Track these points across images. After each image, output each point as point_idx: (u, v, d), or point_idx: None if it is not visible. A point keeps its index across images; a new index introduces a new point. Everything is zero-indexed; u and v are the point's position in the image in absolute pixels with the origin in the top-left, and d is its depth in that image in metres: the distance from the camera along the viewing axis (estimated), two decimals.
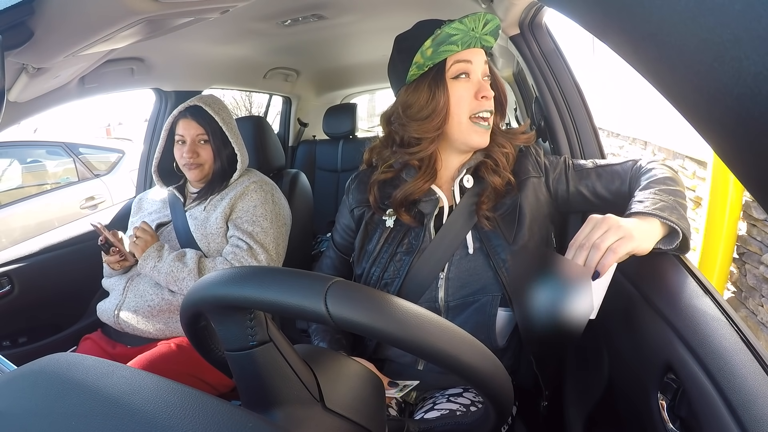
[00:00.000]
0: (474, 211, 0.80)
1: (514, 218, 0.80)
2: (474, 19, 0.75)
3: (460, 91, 0.78)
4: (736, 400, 0.46)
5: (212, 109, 1.22)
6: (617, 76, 4.31)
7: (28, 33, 0.71)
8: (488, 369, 0.40)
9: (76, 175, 3.49)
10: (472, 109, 0.78)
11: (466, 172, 0.83)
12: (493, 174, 0.81)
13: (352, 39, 1.68)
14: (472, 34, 0.76)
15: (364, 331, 0.36)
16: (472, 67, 0.78)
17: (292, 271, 0.40)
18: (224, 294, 0.40)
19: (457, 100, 0.78)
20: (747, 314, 2.31)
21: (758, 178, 0.21)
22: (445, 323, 0.38)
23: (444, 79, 0.78)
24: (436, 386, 0.82)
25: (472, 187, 0.83)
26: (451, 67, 0.78)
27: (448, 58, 0.77)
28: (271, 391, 0.42)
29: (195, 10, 0.85)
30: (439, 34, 0.74)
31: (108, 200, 3.40)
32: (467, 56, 0.78)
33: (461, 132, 0.79)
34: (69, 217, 1.46)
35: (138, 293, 1.17)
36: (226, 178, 1.27)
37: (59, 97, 1.12)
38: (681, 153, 3.09)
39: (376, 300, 0.37)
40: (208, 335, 0.51)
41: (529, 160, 0.85)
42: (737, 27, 0.17)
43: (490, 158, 0.83)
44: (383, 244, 0.84)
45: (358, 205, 0.90)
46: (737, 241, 2.37)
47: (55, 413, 0.33)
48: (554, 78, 1.10)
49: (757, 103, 0.18)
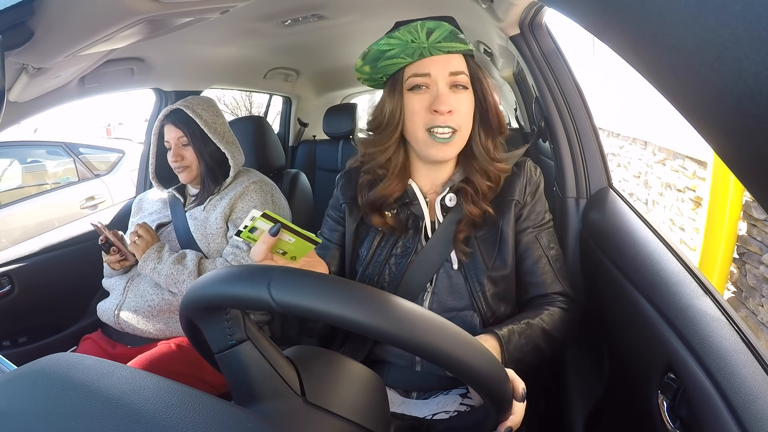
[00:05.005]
0: (453, 237, 0.78)
1: (495, 241, 0.77)
2: (410, 30, 0.70)
3: (413, 103, 0.74)
4: (737, 400, 0.46)
5: (192, 111, 1.23)
6: (617, 76, 4.31)
7: (28, 33, 0.71)
8: (446, 344, 0.40)
9: (77, 175, 3.50)
10: (426, 123, 0.73)
11: (449, 190, 0.80)
12: (471, 203, 0.77)
13: (352, 39, 1.68)
14: (414, 45, 0.71)
15: (306, 314, 0.39)
16: (430, 79, 0.73)
17: (242, 266, 0.44)
18: (198, 296, 0.44)
19: (410, 114, 0.74)
20: (747, 314, 2.31)
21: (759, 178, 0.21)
22: (396, 301, 0.40)
23: (400, 90, 0.75)
24: (438, 387, 0.82)
25: (454, 208, 0.80)
26: (408, 79, 0.74)
27: (406, 69, 0.74)
28: (254, 387, 0.44)
29: (195, 10, 0.85)
30: (368, 53, 0.71)
31: (108, 200, 3.41)
32: (424, 68, 0.73)
33: (419, 145, 0.76)
34: (69, 217, 1.46)
35: (138, 293, 1.17)
36: (217, 177, 1.27)
37: (59, 97, 1.12)
38: (681, 153, 3.10)
39: (317, 283, 0.39)
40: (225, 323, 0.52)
41: (519, 181, 0.80)
42: (737, 27, 0.17)
43: (470, 184, 0.78)
44: (377, 248, 0.82)
45: (346, 200, 0.88)
46: (737, 241, 2.37)
47: (55, 413, 0.33)
48: (554, 78, 1.10)
49: (757, 103, 0.18)
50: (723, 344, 0.52)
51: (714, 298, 0.60)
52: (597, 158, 1.05)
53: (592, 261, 0.94)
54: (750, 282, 2.29)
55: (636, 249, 0.78)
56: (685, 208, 3.10)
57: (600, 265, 0.87)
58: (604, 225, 0.92)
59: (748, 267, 2.32)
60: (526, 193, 0.80)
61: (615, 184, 1.06)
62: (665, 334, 0.60)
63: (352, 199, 0.87)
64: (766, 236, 2.18)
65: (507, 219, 0.78)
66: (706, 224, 2.40)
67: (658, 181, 3.57)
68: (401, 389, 0.82)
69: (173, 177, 1.32)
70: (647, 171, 3.82)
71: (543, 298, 0.79)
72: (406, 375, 0.82)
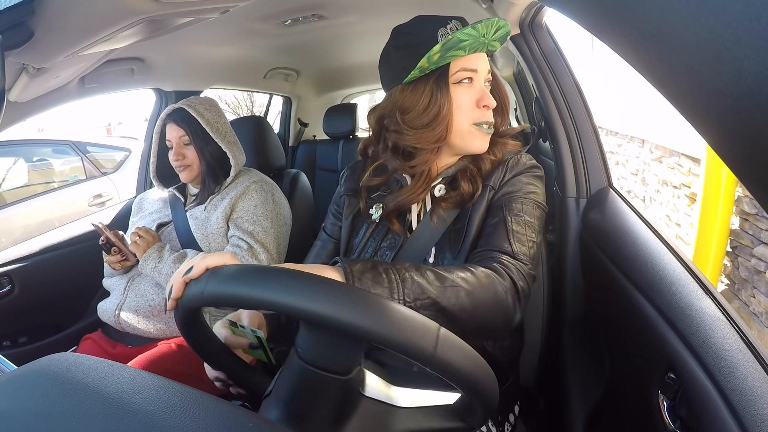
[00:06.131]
0: (432, 210, 0.77)
1: (462, 230, 0.76)
2: (487, 25, 0.72)
3: (462, 97, 0.75)
4: (737, 399, 0.46)
5: (195, 110, 1.23)
6: (616, 76, 4.32)
7: (28, 33, 0.71)
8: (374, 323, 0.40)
9: (84, 173, 3.52)
10: (475, 118, 0.75)
11: (441, 180, 0.80)
12: (468, 182, 0.77)
13: (352, 39, 1.68)
14: (482, 40, 0.73)
15: (239, 303, 0.43)
16: (476, 74, 0.75)
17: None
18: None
19: (458, 107, 0.74)
20: (740, 305, 2.35)
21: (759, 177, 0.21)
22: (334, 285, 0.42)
23: (447, 83, 0.74)
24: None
25: (443, 195, 0.79)
26: (456, 72, 0.74)
27: (453, 63, 0.74)
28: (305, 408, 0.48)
29: (195, 10, 0.85)
30: (450, 40, 0.70)
31: (115, 197, 3.42)
32: (473, 64, 0.75)
33: (462, 138, 0.76)
34: (77, 215, 1.47)
35: (139, 293, 1.17)
36: (218, 177, 1.27)
37: (59, 97, 1.12)
38: (677, 150, 3.12)
39: (247, 272, 0.43)
40: (204, 335, 0.53)
41: (500, 169, 0.78)
42: (737, 27, 0.17)
43: (475, 164, 0.79)
44: (368, 239, 0.83)
45: (347, 193, 0.89)
46: (730, 234, 2.40)
47: (55, 413, 0.33)
48: (554, 78, 1.10)
49: (757, 103, 0.18)
50: (723, 344, 0.52)
51: (714, 298, 0.60)
52: (597, 158, 1.05)
53: (592, 261, 0.94)
54: (742, 274, 2.32)
55: (636, 249, 0.78)
56: (680, 204, 3.13)
57: (600, 265, 0.87)
58: (605, 225, 0.92)
59: (740, 260, 2.35)
60: (504, 179, 0.78)
61: (614, 182, 1.06)
62: (665, 334, 0.60)
63: (352, 191, 0.88)
64: (757, 230, 2.20)
65: (477, 205, 0.76)
66: (700, 219, 2.42)
67: (655, 178, 3.59)
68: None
69: (173, 176, 1.32)
70: (644, 168, 3.84)
71: (482, 253, 0.70)
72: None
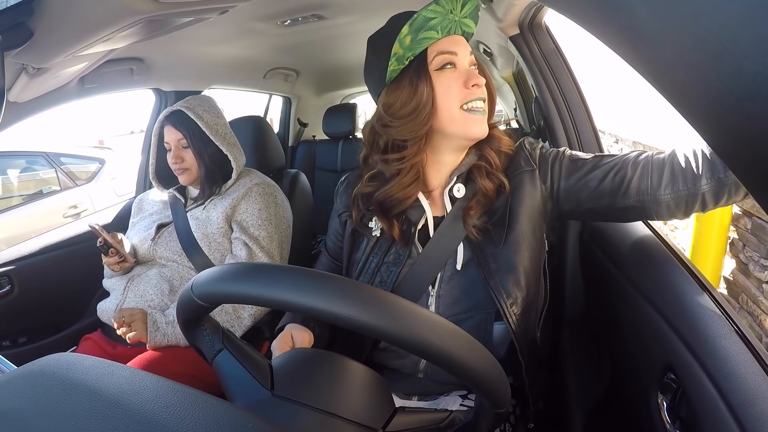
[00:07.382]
0: (461, 218, 0.75)
1: (504, 221, 0.74)
2: (453, 1, 0.70)
3: (447, 81, 0.72)
4: (736, 400, 0.46)
5: (193, 113, 1.22)
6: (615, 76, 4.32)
7: (28, 33, 0.71)
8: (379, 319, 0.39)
9: (59, 185, 3.53)
10: (463, 98, 0.72)
11: (456, 180, 0.78)
12: (485, 177, 0.75)
13: (351, 39, 1.68)
14: (450, 17, 0.71)
15: (229, 299, 0.43)
16: (457, 58, 0.73)
17: None
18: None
19: (444, 91, 0.72)
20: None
21: (758, 177, 0.21)
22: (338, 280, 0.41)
23: (427, 70, 0.72)
24: (440, 391, 0.82)
25: (464, 195, 0.77)
26: (435, 58, 0.72)
27: (429, 49, 0.72)
28: (230, 389, 0.49)
29: (195, 10, 0.85)
30: (416, 18, 0.69)
31: (90, 208, 3.45)
32: (450, 47, 0.73)
33: (456, 124, 0.73)
34: (54, 226, 1.46)
35: (138, 293, 1.17)
36: (217, 180, 1.26)
37: (59, 97, 1.12)
38: None
39: (232, 270, 0.44)
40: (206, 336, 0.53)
41: (521, 155, 0.78)
42: (736, 27, 0.17)
43: (483, 159, 0.77)
44: (369, 254, 0.80)
45: (345, 210, 0.87)
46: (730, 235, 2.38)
47: (55, 413, 0.33)
48: (554, 78, 1.10)
49: (756, 103, 0.18)
50: (723, 344, 0.52)
51: (714, 298, 0.60)
52: None
53: (592, 261, 0.94)
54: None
55: (636, 249, 0.78)
56: None
57: (600, 265, 0.87)
58: (604, 225, 0.92)
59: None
60: (533, 158, 0.77)
61: None
62: (665, 334, 0.60)
63: (346, 207, 0.86)
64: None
65: (516, 194, 0.75)
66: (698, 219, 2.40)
67: None
68: (402, 393, 0.82)
69: (173, 177, 1.32)
70: None
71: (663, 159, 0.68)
72: (408, 382, 0.81)
